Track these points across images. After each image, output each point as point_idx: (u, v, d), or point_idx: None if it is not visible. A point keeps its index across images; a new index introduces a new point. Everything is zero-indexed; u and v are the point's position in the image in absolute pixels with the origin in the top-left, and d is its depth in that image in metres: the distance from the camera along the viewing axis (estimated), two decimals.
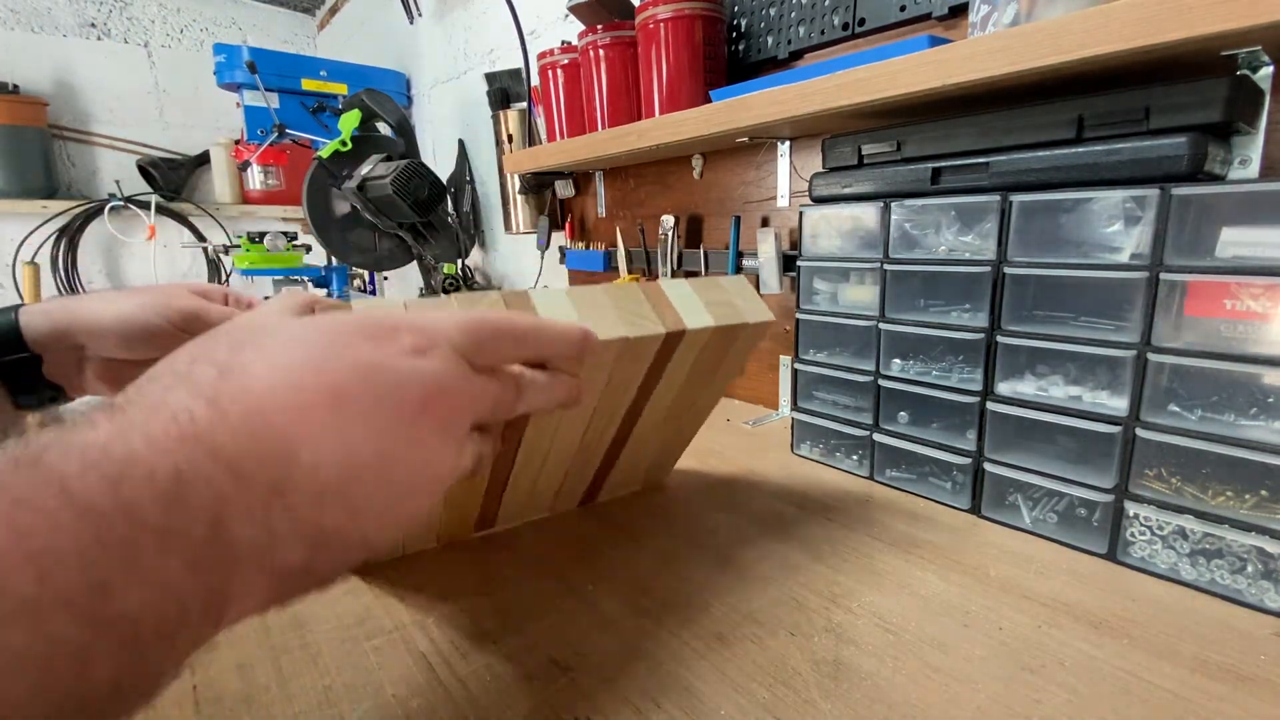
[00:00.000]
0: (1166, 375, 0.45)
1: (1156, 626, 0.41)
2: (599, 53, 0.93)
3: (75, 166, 2.28)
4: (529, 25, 1.34)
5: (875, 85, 0.56)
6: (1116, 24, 0.41)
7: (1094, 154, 0.47)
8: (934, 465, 0.60)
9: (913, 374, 0.61)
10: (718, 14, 0.82)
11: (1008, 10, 0.50)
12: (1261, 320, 0.41)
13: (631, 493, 0.63)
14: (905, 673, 0.37)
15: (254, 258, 1.58)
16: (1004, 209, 0.52)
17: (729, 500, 0.61)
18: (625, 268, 1.11)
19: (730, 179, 0.94)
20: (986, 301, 0.54)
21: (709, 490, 0.64)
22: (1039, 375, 0.53)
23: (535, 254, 1.38)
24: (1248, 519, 0.42)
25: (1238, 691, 0.35)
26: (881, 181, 0.61)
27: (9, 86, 2.04)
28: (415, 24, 1.88)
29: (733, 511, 0.58)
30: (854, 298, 0.66)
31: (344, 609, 0.43)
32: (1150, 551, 0.47)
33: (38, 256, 2.12)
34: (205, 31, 2.48)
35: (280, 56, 1.80)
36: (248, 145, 1.90)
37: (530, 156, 1.11)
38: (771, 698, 0.35)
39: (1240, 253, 0.42)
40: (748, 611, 0.43)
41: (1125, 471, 0.47)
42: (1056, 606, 0.43)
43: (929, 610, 0.43)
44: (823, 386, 0.70)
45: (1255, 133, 0.46)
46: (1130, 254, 0.46)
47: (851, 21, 0.73)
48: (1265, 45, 0.41)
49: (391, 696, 0.35)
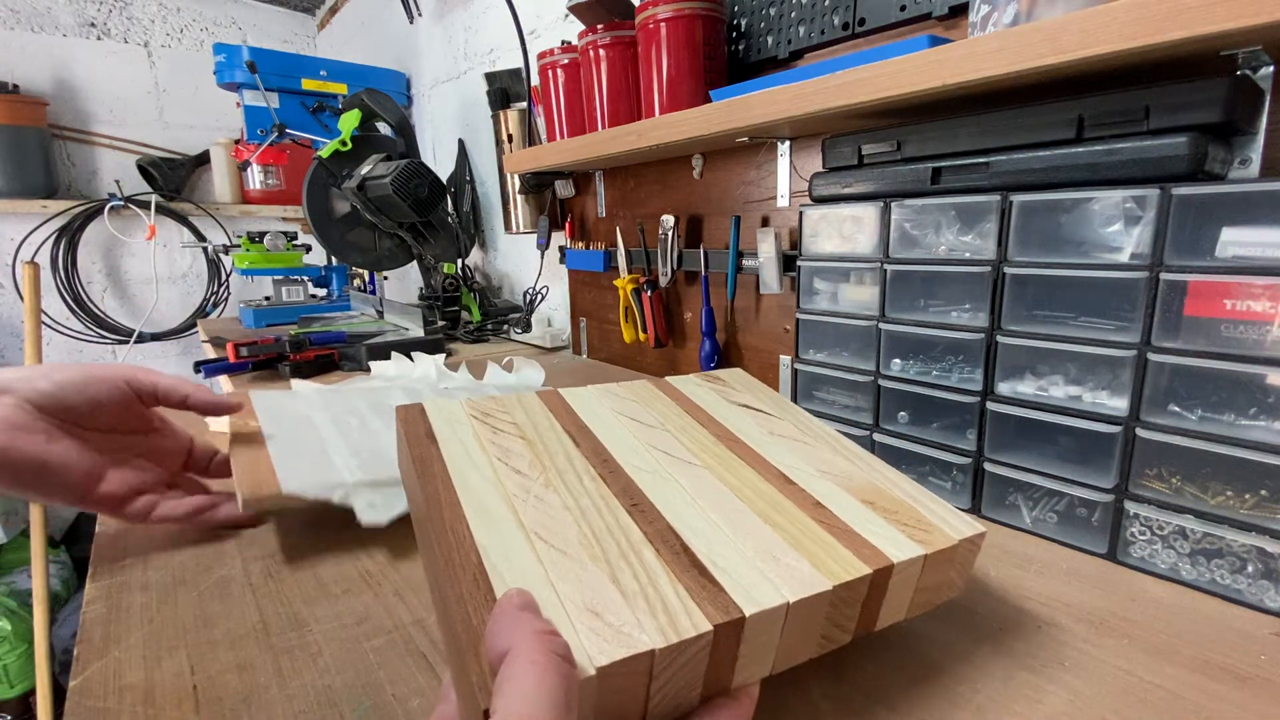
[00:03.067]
0: (1166, 375, 0.45)
1: (1156, 626, 0.41)
2: (599, 53, 0.93)
3: (75, 166, 2.28)
4: (529, 25, 1.34)
5: (875, 85, 0.56)
6: (1116, 24, 0.41)
7: (1094, 154, 0.47)
8: (934, 465, 0.60)
9: (913, 374, 0.61)
10: (718, 14, 0.82)
11: (1008, 10, 0.50)
12: (1261, 320, 0.41)
13: None
14: (905, 673, 0.37)
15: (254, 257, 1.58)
16: (1004, 209, 0.52)
17: None
18: (625, 267, 1.11)
19: (730, 179, 0.94)
20: (986, 301, 0.54)
21: None
22: (1039, 375, 0.53)
23: (535, 254, 1.38)
24: (1248, 519, 0.42)
25: (1238, 691, 0.35)
26: (881, 181, 0.61)
27: (9, 86, 2.04)
28: (415, 24, 1.88)
29: None
30: (854, 298, 0.66)
31: (344, 609, 0.43)
32: (1150, 551, 0.47)
33: (38, 256, 2.12)
34: (205, 31, 2.48)
35: (280, 56, 1.80)
36: (248, 145, 1.90)
37: (530, 156, 1.11)
38: (771, 698, 0.35)
39: (1240, 253, 0.42)
40: None
41: (1125, 471, 0.47)
42: (1056, 606, 0.43)
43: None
44: (823, 386, 0.70)
45: (1255, 133, 0.46)
46: (1130, 254, 0.46)
47: (851, 21, 0.73)
48: (1265, 45, 0.41)
49: (392, 696, 0.35)
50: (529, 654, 0.21)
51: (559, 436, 0.40)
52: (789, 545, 0.31)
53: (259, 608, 0.44)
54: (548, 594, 0.26)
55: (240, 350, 1.02)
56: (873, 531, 0.33)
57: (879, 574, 0.30)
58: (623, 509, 0.33)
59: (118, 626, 0.42)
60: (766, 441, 0.42)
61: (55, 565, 1.95)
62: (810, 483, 0.38)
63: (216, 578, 0.47)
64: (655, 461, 0.38)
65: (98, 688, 0.36)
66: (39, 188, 2.08)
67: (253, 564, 0.49)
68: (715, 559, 0.30)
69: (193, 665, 0.38)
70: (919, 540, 0.33)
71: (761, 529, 0.33)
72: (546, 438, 0.40)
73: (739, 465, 0.39)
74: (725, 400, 0.48)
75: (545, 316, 1.46)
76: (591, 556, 0.29)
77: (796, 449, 0.42)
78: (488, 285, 1.75)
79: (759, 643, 0.28)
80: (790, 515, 0.34)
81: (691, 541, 0.31)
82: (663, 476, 0.37)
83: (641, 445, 0.40)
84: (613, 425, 0.42)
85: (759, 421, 0.45)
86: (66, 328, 2.23)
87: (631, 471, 0.37)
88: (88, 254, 2.28)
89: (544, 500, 0.33)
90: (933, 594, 0.35)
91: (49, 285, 2.15)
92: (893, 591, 0.32)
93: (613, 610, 0.26)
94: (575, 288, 1.33)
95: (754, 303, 0.93)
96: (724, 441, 0.42)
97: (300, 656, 0.39)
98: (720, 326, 0.98)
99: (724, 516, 0.33)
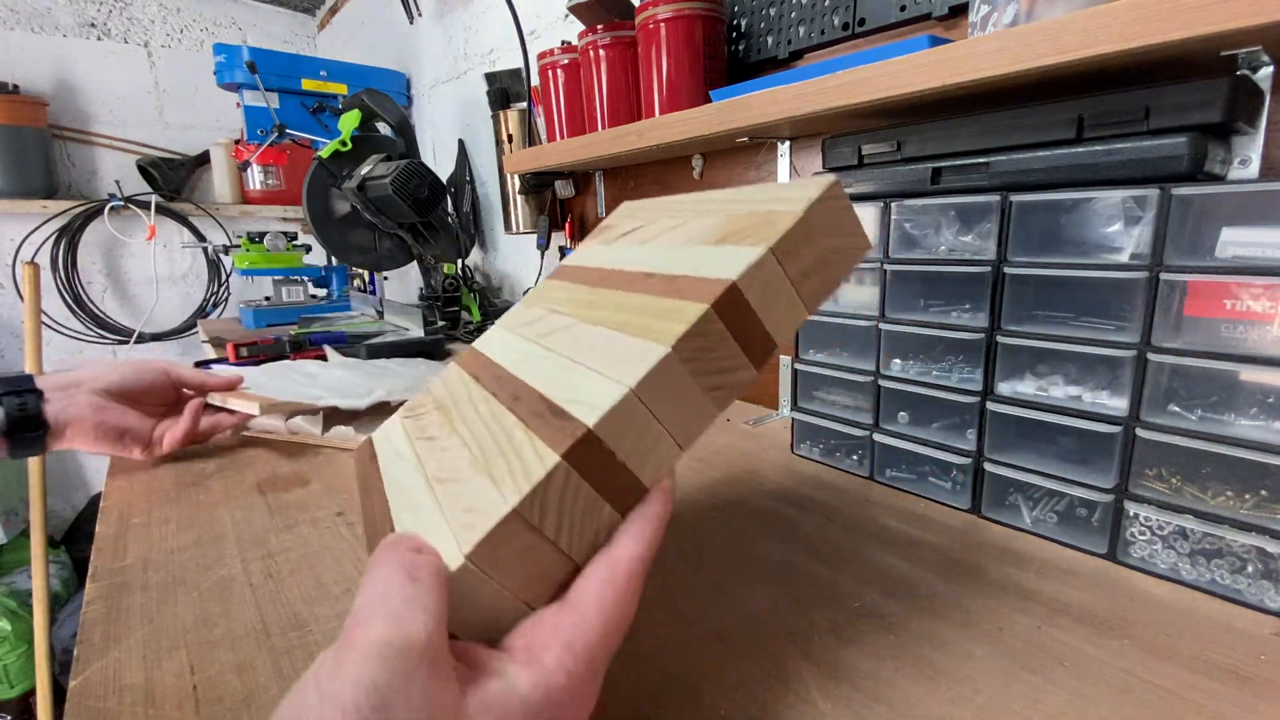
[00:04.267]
0: (1166, 375, 0.45)
1: (1156, 626, 0.41)
2: (599, 53, 0.93)
3: (75, 166, 2.28)
4: (529, 25, 1.34)
5: (875, 85, 0.56)
6: (1116, 24, 0.41)
7: (1094, 154, 0.47)
8: (934, 465, 0.60)
9: (913, 374, 0.61)
10: (718, 14, 0.82)
11: (1008, 10, 0.50)
12: (1261, 320, 0.41)
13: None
14: (905, 673, 0.37)
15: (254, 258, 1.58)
16: (1004, 209, 0.52)
17: (729, 500, 0.61)
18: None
19: (730, 179, 0.94)
20: (986, 301, 0.54)
21: (709, 490, 0.64)
22: (1039, 375, 0.53)
23: (535, 254, 1.38)
24: (1248, 519, 0.42)
25: (1238, 691, 0.35)
26: (881, 181, 0.61)
27: (9, 86, 2.04)
28: (415, 24, 1.88)
29: (733, 511, 0.58)
30: (854, 298, 0.66)
31: (344, 609, 0.43)
32: (1150, 551, 0.47)
33: (38, 256, 2.12)
34: (205, 31, 2.48)
35: (280, 56, 1.80)
36: (248, 145, 1.90)
37: (530, 156, 1.11)
38: (771, 698, 0.35)
39: (1240, 253, 0.41)
40: (747, 612, 0.43)
41: (1125, 471, 0.47)
42: (1056, 606, 0.43)
43: (929, 610, 0.43)
44: (823, 386, 0.70)
45: (1255, 133, 0.46)
46: (1130, 254, 0.46)
47: (851, 21, 0.73)
48: (1265, 45, 0.41)
49: None
50: (370, 567, 0.24)
51: (466, 386, 0.40)
52: (631, 335, 0.30)
53: (259, 608, 0.44)
54: (438, 521, 0.27)
55: (240, 350, 1.02)
56: (715, 265, 0.31)
57: (722, 302, 0.28)
58: (506, 410, 0.32)
59: (118, 626, 0.42)
60: (636, 255, 0.40)
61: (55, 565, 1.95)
62: (669, 264, 0.35)
63: (216, 578, 0.48)
64: (532, 345, 0.38)
65: (98, 688, 0.36)
66: (39, 188, 2.08)
67: (253, 564, 0.49)
68: (571, 396, 0.29)
69: (193, 665, 0.38)
70: (760, 241, 0.30)
71: (611, 340, 0.31)
72: (457, 395, 0.39)
73: (605, 294, 0.37)
74: (606, 245, 0.47)
75: None
76: (478, 471, 0.29)
77: (665, 240, 0.39)
78: (488, 285, 1.75)
79: (634, 437, 0.27)
80: (639, 308, 0.32)
81: (552, 394, 0.30)
82: (536, 354, 0.36)
83: (526, 340, 0.40)
84: (507, 342, 0.42)
85: (632, 241, 0.43)
86: (66, 328, 2.23)
87: (513, 368, 0.36)
88: (88, 254, 2.28)
89: (447, 449, 0.33)
90: (824, 272, 0.32)
91: (49, 285, 2.15)
92: (762, 302, 0.30)
93: (484, 499, 0.26)
94: None
95: None
96: (599, 284, 0.40)
97: (300, 656, 0.39)
98: None
99: (581, 353, 0.32)
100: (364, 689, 0.20)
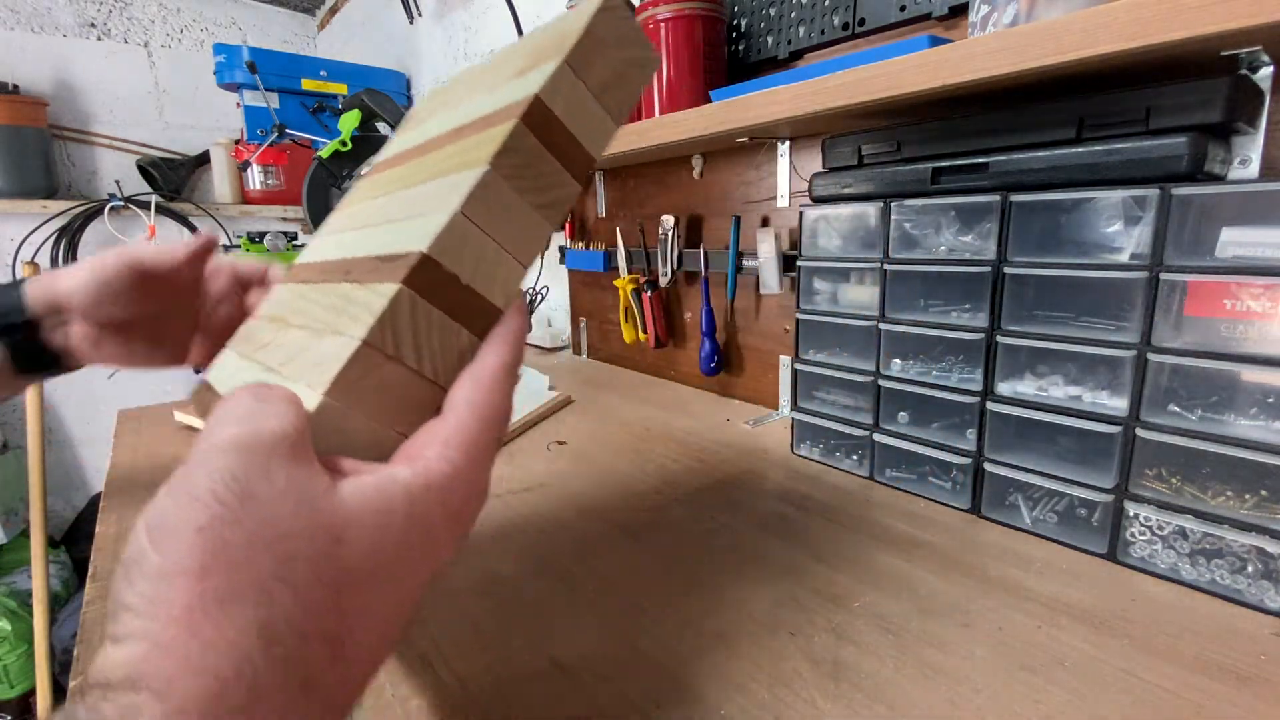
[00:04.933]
0: (1166, 375, 0.45)
1: (1156, 626, 0.41)
2: None
3: (75, 166, 2.28)
4: (529, 25, 1.34)
5: (875, 85, 0.56)
6: (1116, 24, 0.41)
7: (1094, 154, 0.47)
8: (934, 465, 0.60)
9: (913, 374, 0.61)
10: (718, 14, 0.82)
11: (1008, 10, 0.50)
12: (1261, 320, 0.41)
13: (635, 494, 0.63)
14: (905, 673, 0.37)
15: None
16: (1004, 209, 0.52)
17: (729, 500, 0.61)
18: (625, 267, 1.11)
19: (730, 179, 0.94)
20: (986, 301, 0.54)
21: (709, 490, 0.64)
22: (1039, 375, 0.53)
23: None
24: (1248, 519, 0.42)
25: (1238, 691, 0.35)
26: (881, 181, 0.61)
27: (9, 86, 2.04)
28: (415, 24, 1.88)
29: (733, 511, 0.58)
30: (854, 298, 0.66)
31: None
32: (1150, 551, 0.47)
33: (38, 256, 2.12)
34: (205, 31, 2.48)
35: (280, 56, 1.80)
36: (248, 145, 1.90)
37: None
38: (771, 698, 0.35)
39: (1240, 253, 0.42)
40: (748, 611, 0.43)
41: (1125, 471, 0.47)
42: (1056, 606, 0.43)
43: (929, 610, 0.43)
44: (823, 386, 0.70)
45: (1255, 133, 0.46)
46: (1130, 254, 0.46)
47: (851, 21, 0.73)
48: (1265, 45, 0.41)
49: (391, 696, 0.35)
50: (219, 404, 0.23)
51: (293, 290, 0.39)
52: (450, 175, 0.31)
53: None
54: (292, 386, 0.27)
55: None
56: (519, 90, 0.31)
57: (530, 116, 0.29)
58: (340, 284, 0.32)
59: None
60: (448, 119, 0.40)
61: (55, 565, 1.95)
62: (479, 111, 0.35)
63: None
64: (355, 232, 0.37)
65: None
66: (39, 188, 2.08)
67: None
68: (402, 242, 0.29)
69: None
70: (553, 58, 0.30)
71: (432, 188, 0.32)
72: (285, 300, 0.39)
73: (420, 162, 0.38)
74: (417, 127, 0.45)
75: (545, 317, 1.46)
76: (324, 336, 0.29)
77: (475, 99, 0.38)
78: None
79: (473, 258, 0.28)
80: (457, 153, 0.33)
81: (384, 250, 0.30)
82: (362, 235, 0.36)
83: (347, 230, 0.39)
84: (328, 240, 0.41)
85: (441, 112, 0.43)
86: None
87: (341, 252, 0.36)
88: (88, 254, 2.26)
89: (286, 342, 0.33)
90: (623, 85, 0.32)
91: None
92: (568, 113, 0.30)
93: (334, 348, 0.26)
94: (575, 288, 1.33)
95: (754, 303, 0.93)
96: (413, 158, 0.40)
97: None
98: (720, 327, 0.98)
99: (406, 212, 0.32)
100: (222, 478, 0.19)
